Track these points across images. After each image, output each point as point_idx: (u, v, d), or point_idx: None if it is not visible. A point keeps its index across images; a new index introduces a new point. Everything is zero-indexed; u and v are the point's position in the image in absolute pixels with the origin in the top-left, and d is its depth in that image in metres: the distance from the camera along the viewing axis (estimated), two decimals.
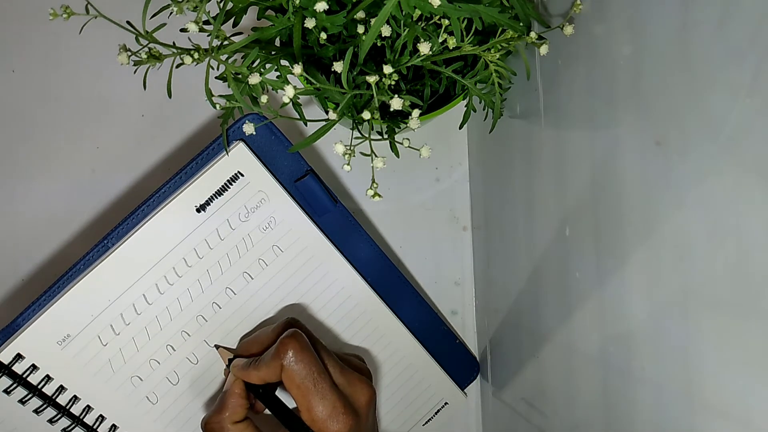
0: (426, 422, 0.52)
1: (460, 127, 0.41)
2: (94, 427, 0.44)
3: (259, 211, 0.45)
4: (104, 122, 0.52)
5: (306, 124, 0.53)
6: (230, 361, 0.43)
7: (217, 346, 0.46)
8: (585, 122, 0.33)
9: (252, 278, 0.46)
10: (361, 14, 0.34)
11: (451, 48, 0.34)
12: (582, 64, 0.33)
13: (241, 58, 0.34)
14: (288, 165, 0.47)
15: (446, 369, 0.51)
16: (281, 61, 0.36)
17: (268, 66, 0.36)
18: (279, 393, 0.43)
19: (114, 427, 0.45)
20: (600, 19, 0.32)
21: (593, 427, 0.34)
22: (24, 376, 0.42)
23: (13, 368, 0.42)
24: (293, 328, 0.41)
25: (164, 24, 0.32)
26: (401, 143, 0.36)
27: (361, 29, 0.34)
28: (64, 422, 0.43)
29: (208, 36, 0.32)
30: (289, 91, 0.32)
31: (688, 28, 0.25)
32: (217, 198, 0.44)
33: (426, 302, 0.51)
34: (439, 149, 0.54)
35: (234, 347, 0.46)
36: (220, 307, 0.45)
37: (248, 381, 0.41)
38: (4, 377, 0.42)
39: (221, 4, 0.34)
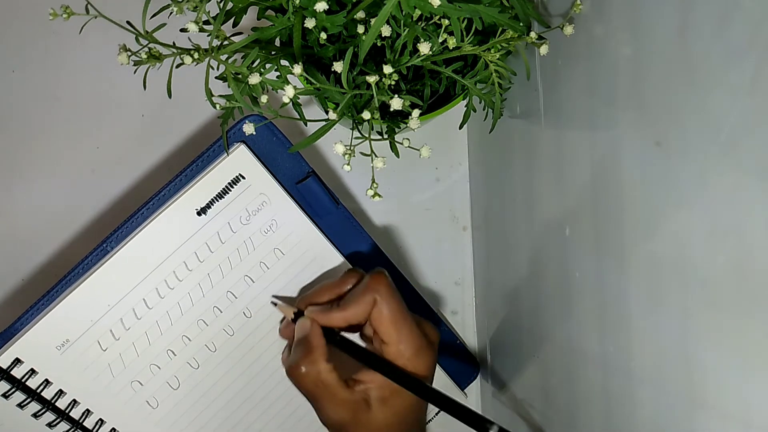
0: (426, 422, 0.51)
1: (460, 127, 0.41)
2: (93, 431, 0.44)
3: (261, 214, 0.45)
4: (104, 122, 0.52)
5: (306, 124, 0.53)
6: (296, 314, 0.43)
7: (274, 303, 0.45)
8: (585, 122, 0.33)
9: (253, 281, 0.46)
10: (361, 14, 0.34)
11: (451, 48, 0.34)
12: (582, 64, 0.33)
13: (241, 58, 0.34)
14: (289, 166, 0.47)
15: (446, 369, 0.51)
16: (281, 61, 0.36)
17: (268, 66, 0.36)
18: None
19: (114, 431, 0.45)
20: (600, 19, 0.32)
21: (593, 427, 0.34)
22: (23, 380, 0.42)
23: (12, 372, 0.42)
24: (380, 267, 0.42)
25: (164, 24, 0.32)
26: (401, 143, 0.36)
27: (361, 29, 0.34)
28: (63, 426, 0.43)
29: (208, 36, 0.32)
30: (289, 91, 0.32)
31: (688, 28, 0.25)
32: (218, 201, 0.44)
33: (426, 302, 0.51)
34: (439, 149, 0.54)
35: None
36: (221, 311, 0.45)
37: (330, 324, 0.41)
38: (2, 381, 0.42)
39: (221, 4, 0.34)
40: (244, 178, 0.44)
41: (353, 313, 0.40)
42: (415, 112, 0.34)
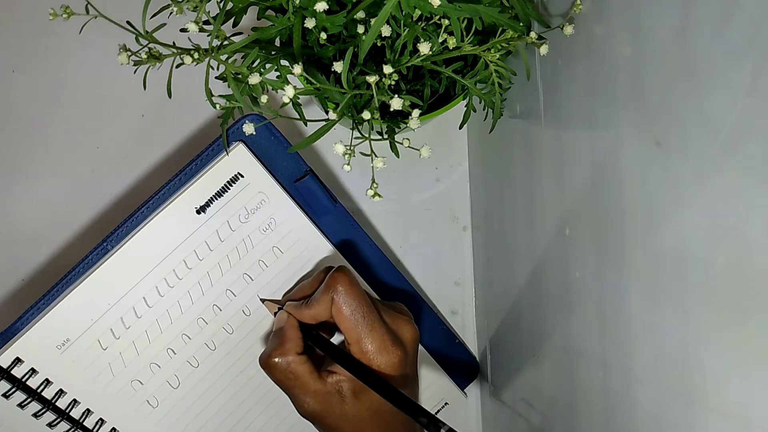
0: None
1: (460, 127, 0.41)
2: (94, 430, 0.44)
3: (259, 213, 0.45)
4: (104, 122, 0.52)
5: (306, 124, 0.53)
6: (279, 310, 0.44)
7: (263, 300, 0.46)
8: (585, 122, 0.33)
9: (252, 280, 0.46)
10: (361, 14, 0.34)
11: (451, 48, 0.34)
12: (582, 64, 0.33)
13: (241, 58, 0.34)
14: (288, 165, 0.47)
15: (446, 369, 0.51)
16: (281, 61, 0.36)
17: (268, 66, 0.36)
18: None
19: (114, 430, 0.45)
20: (600, 19, 0.32)
21: (593, 427, 0.34)
22: (23, 379, 0.42)
23: (12, 372, 0.42)
24: (341, 265, 0.42)
25: (164, 24, 0.32)
26: (401, 143, 0.36)
27: (361, 29, 0.34)
28: (64, 426, 0.43)
29: (208, 36, 0.32)
30: (289, 91, 0.32)
31: (688, 28, 0.25)
32: (217, 199, 0.44)
33: (426, 302, 0.51)
34: (439, 149, 0.54)
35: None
36: (221, 310, 0.45)
37: (303, 320, 0.42)
38: (3, 381, 0.42)
39: (221, 4, 0.34)
40: (242, 176, 0.44)
41: (317, 311, 0.40)
42: (415, 112, 0.33)
